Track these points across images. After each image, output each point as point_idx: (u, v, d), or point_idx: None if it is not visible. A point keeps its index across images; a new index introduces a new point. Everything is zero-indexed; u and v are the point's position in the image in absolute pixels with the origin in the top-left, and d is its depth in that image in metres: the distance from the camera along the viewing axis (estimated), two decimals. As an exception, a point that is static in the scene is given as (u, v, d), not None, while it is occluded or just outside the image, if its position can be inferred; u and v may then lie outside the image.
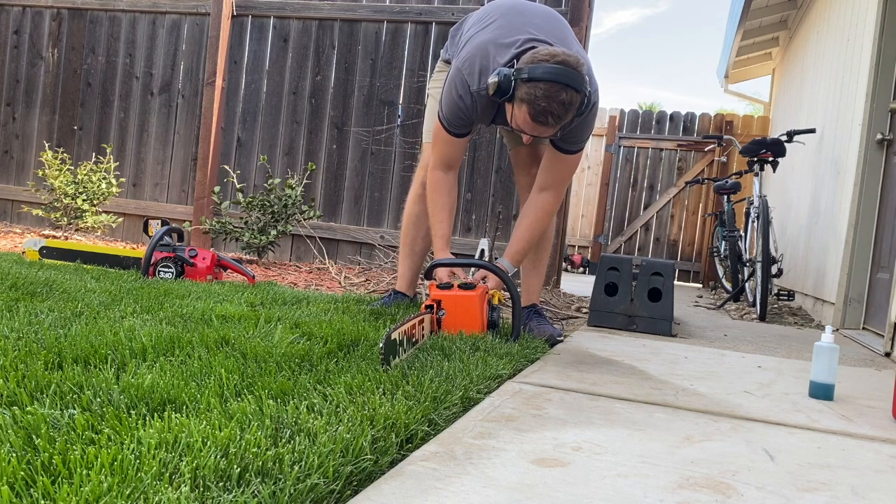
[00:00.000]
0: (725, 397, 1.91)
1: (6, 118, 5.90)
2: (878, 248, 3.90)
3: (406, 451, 1.25)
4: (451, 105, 2.51)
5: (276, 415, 1.25)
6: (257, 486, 0.96)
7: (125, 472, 0.94)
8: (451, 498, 1.04)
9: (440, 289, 2.39)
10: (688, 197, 8.85)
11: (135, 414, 1.20)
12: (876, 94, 3.94)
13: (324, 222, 5.05)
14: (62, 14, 5.74)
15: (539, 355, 2.29)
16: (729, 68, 8.33)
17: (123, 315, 2.14)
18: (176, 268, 3.24)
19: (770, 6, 6.98)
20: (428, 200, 2.68)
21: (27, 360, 1.48)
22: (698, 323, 3.94)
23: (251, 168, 5.27)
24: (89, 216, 5.17)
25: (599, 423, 1.53)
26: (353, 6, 5.03)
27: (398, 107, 4.97)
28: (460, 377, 1.69)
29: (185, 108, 5.45)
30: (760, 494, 1.18)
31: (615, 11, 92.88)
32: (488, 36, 2.50)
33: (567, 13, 4.47)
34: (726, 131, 8.46)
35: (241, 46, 5.28)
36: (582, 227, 9.70)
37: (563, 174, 2.65)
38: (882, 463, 1.44)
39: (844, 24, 4.89)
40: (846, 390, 2.15)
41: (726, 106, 32.98)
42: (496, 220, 4.75)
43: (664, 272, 3.34)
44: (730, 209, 6.03)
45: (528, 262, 2.90)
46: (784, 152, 4.87)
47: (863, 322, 3.94)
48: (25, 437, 1.05)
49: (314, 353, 1.80)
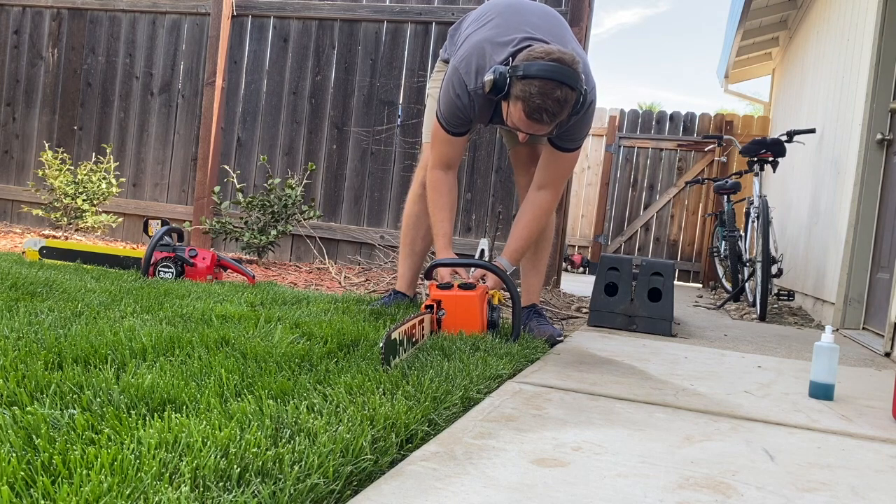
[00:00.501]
0: (725, 397, 1.91)
1: (6, 118, 5.90)
2: (878, 248, 3.90)
3: (406, 451, 1.25)
4: (448, 104, 2.51)
5: (276, 415, 1.25)
6: (257, 486, 0.96)
7: (125, 472, 0.94)
8: (451, 498, 1.04)
9: (440, 289, 2.39)
10: (688, 197, 8.85)
11: (135, 414, 1.20)
12: (876, 94, 3.94)
13: (324, 222, 5.05)
14: (62, 14, 5.74)
15: (539, 355, 2.29)
16: (729, 68, 8.33)
17: (123, 315, 2.14)
18: (176, 268, 3.24)
19: (770, 6, 6.98)
20: (428, 200, 2.68)
21: (27, 360, 1.48)
22: (698, 323, 3.94)
23: (251, 168, 5.27)
24: (89, 216, 5.17)
25: (599, 423, 1.53)
26: (353, 6, 5.03)
27: (398, 107, 4.97)
28: (460, 377, 1.69)
29: (185, 108, 5.45)
30: (760, 494, 1.18)
31: (615, 11, 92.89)
32: (485, 34, 2.50)
33: (567, 13, 4.47)
34: (726, 131, 8.46)
35: (241, 46, 5.28)
36: (582, 227, 9.70)
37: (560, 172, 2.65)
38: (882, 463, 1.44)
39: (844, 24, 4.88)
40: (846, 390, 2.15)
41: (726, 106, 32.98)
42: (496, 220, 4.75)
43: (664, 272, 3.34)
44: (730, 209, 6.03)
45: (527, 261, 2.90)
46: (784, 152, 4.87)
47: (863, 322, 3.94)
48: (25, 437, 1.05)
49: (314, 353, 1.80)
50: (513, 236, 2.66)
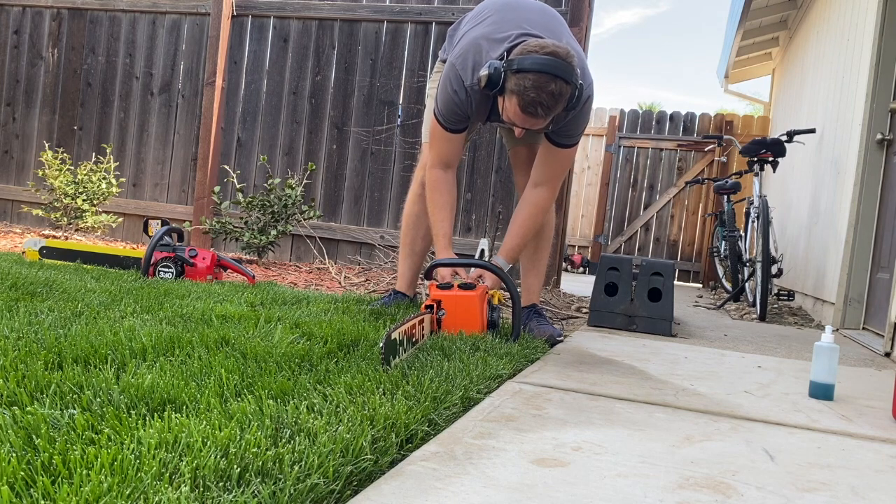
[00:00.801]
0: (725, 397, 1.91)
1: (6, 118, 5.90)
2: (878, 248, 3.90)
3: (406, 451, 1.25)
4: (446, 100, 2.52)
5: (276, 415, 1.25)
6: (257, 486, 0.96)
7: (125, 472, 0.94)
8: (451, 498, 1.04)
9: (440, 289, 2.39)
10: (688, 197, 8.85)
11: (135, 414, 1.20)
12: (876, 94, 3.94)
13: (324, 222, 5.05)
14: (62, 14, 5.74)
15: (539, 355, 2.29)
16: (729, 68, 8.33)
17: (123, 315, 2.14)
18: (176, 268, 3.24)
19: (770, 6, 6.98)
20: (427, 200, 2.68)
21: (27, 360, 1.48)
22: (698, 323, 3.94)
23: (251, 168, 5.27)
24: (89, 216, 5.17)
25: (599, 423, 1.53)
26: (353, 6, 5.03)
27: (398, 107, 4.97)
28: (460, 377, 1.69)
29: (185, 108, 5.45)
30: (760, 494, 1.18)
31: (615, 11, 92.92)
32: (482, 31, 2.51)
33: (567, 13, 4.47)
34: (726, 131, 8.46)
35: (241, 46, 5.28)
36: (582, 227, 9.70)
37: (557, 169, 2.65)
38: (882, 463, 1.44)
39: (844, 24, 4.88)
40: (846, 390, 2.15)
41: (726, 106, 32.98)
42: (496, 220, 4.75)
43: (664, 272, 3.34)
44: (730, 209, 6.03)
45: (527, 261, 2.90)
46: (784, 152, 4.87)
47: (863, 322, 3.94)
48: (25, 437, 1.05)
49: (314, 353, 1.80)
50: (509, 235, 2.65)
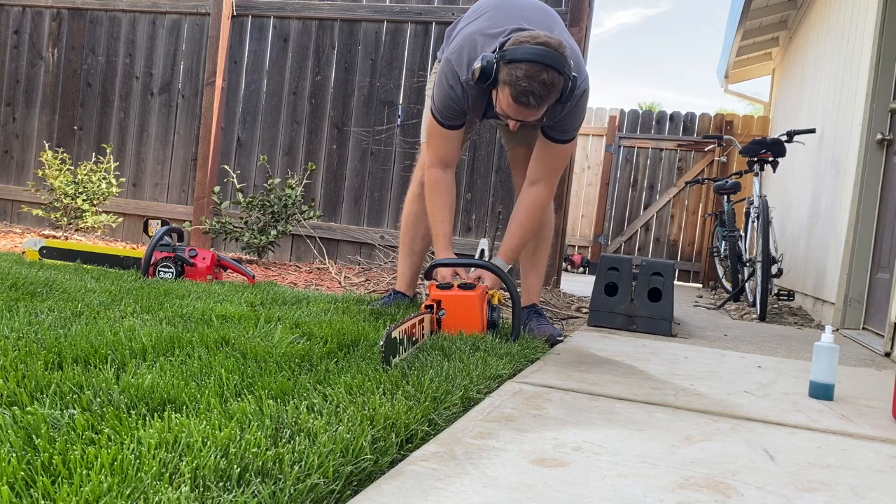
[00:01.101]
0: (725, 397, 1.91)
1: (6, 118, 5.90)
2: (878, 248, 3.90)
3: (406, 451, 1.25)
4: (442, 96, 2.52)
5: (276, 415, 1.25)
6: (257, 486, 0.96)
7: (125, 472, 0.94)
8: (451, 498, 1.04)
9: (440, 289, 2.39)
10: (688, 197, 8.85)
11: (135, 414, 1.20)
12: (876, 94, 3.94)
13: (324, 222, 5.05)
14: (62, 14, 5.74)
15: (539, 355, 2.29)
16: (729, 68, 8.33)
17: (123, 315, 2.14)
18: (176, 268, 3.24)
19: (770, 6, 6.98)
20: (427, 199, 2.67)
21: (27, 360, 1.47)
22: (698, 323, 3.94)
23: (251, 168, 5.27)
24: (89, 216, 5.17)
25: (599, 423, 1.53)
26: (353, 6, 5.03)
27: (398, 107, 4.97)
28: (460, 377, 1.69)
29: (185, 108, 5.45)
30: (760, 494, 1.18)
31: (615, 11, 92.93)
32: (477, 27, 2.52)
33: (567, 13, 4.47)
34: (726, 131, 8.46)
35: (241, 46, 5.28)
36: (582, 227, 9.70)
37: (554, 165, 2.64)
38: (882, 463, 1.44)
39: (844, 24, 4.88)
40: (846, 390, 2.15)
41: (726, 106, 32.96)
42: (496, 220, 4.75)
43: (664, 272, 3.34)
44: (730, 209, 6.03)
45: (527, 261, 2.90)
46: (784, 152, 4.87)
47: (863, 322, 3.94)
48: (25, 437, 1.05)
49: (314, 353, 1.80)
50: (508, 235, 2.65)
